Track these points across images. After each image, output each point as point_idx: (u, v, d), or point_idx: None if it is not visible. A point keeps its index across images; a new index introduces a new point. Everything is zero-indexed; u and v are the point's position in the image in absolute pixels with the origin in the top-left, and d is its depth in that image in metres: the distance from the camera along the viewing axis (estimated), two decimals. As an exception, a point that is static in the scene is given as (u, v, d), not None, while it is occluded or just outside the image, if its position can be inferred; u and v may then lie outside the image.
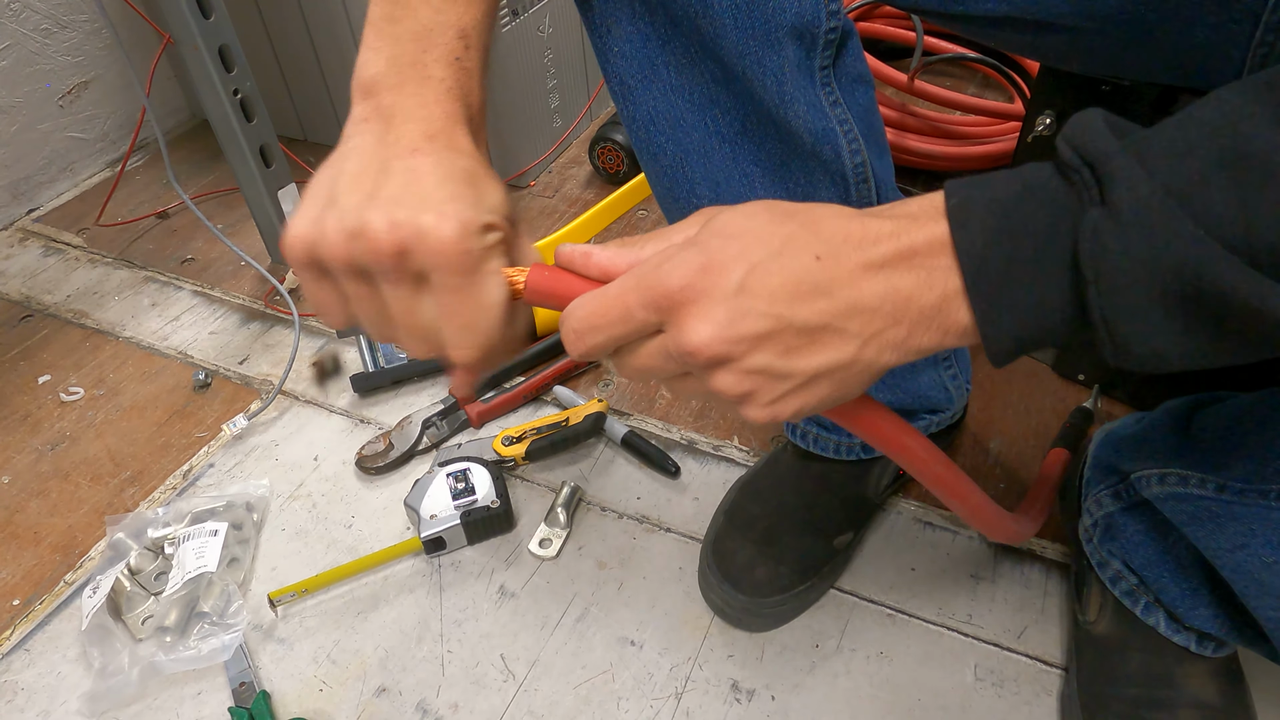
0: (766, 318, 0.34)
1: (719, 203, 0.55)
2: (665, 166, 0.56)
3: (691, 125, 0.54)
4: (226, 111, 1.01)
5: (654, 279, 0.35)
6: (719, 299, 0.34)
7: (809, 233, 0.35)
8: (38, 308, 1.15)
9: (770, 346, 0.35)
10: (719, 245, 0.35)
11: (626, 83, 0.54)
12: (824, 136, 0.53)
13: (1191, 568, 0.59)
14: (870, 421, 0.43)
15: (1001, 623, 0.73)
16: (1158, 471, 0.57)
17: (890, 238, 0.35)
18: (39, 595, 0.81)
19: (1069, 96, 0.80)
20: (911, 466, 0.46)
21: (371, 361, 0.97)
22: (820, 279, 0.34)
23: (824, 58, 0.52)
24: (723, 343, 0.34)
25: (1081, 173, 0.32)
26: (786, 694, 0.70)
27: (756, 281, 0.34)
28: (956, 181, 0.35)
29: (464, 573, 0.80)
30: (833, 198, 0.55)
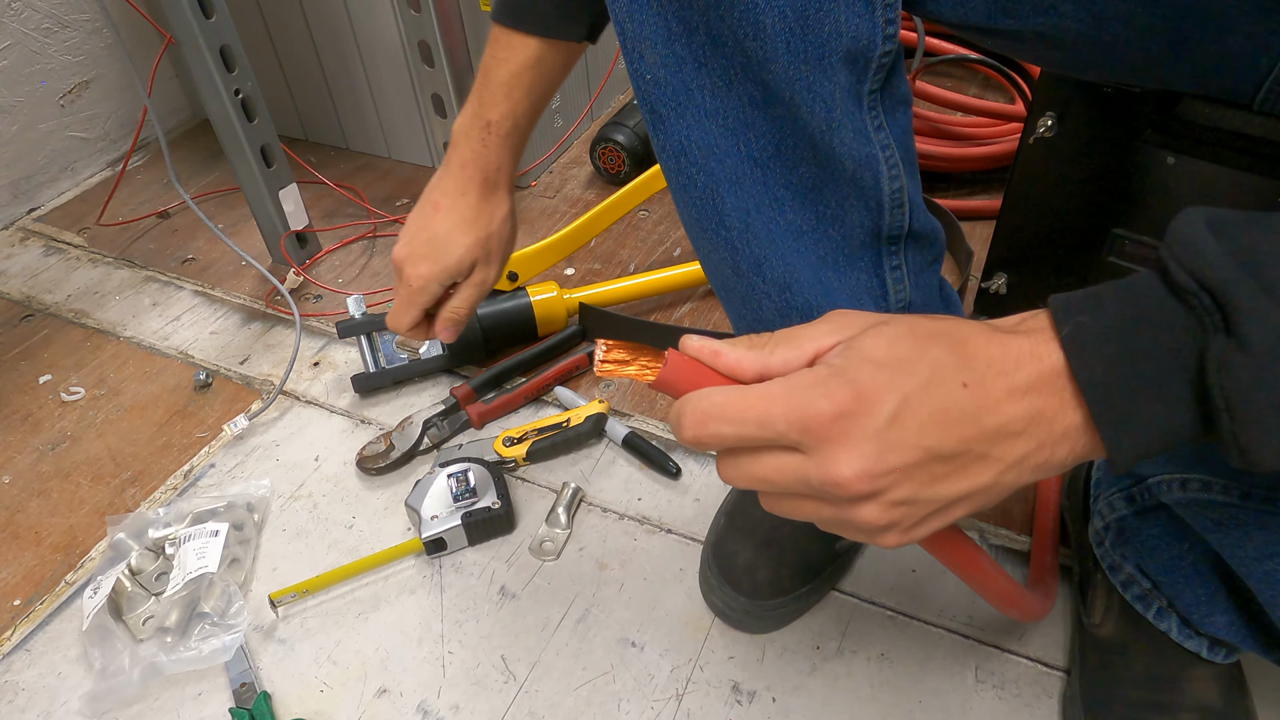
0: (915, 450, 0.34)
1: (748, 234, 0.55)
2: (695, 197, 0.55)
3: (724, 152, 0.52)
4: (228, 111, 1.01)
5: (804, 398, 0.35)
6: (871, 432, 0.34)
7: (955, 357, 0.35)
8: (38, 307, 1.15)
9: (916, 477, 0.35)
10: (870, 374, 0.35)
11: (658, 111, 0.52)
12: (866, 163, 0.52)
13: (1208, 573, 0.59)
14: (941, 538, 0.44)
15: (1003, 625, 0.73)
16: (1179, 477, 0.56)
17: (1031, 360, 0.35)
18: (40, 595, 0.81)
19: (1071, 98, 0.80)
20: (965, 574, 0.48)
21: (372, 362, 0.97)
22: (968, 407, 0.34)
23: (874, 82, 0.50)
24: (871, 478, 0.34)
25: (1200, 298, 0.32)
26: (787, 696, 0.69)
27: (907, 414, 0.34)
28: (1061, 301, 0.35)
29: (465, 574, 0.80)
30: (864, 221, 0.54)
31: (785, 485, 0.36)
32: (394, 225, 1.23)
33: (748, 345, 0.39)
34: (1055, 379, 0.34)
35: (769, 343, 0.38)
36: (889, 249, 0.56)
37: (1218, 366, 0.31)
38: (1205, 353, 0.32)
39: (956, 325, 0.37)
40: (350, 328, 0.96)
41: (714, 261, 0.58)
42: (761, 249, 0.54)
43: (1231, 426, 0.32)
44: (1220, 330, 0.31)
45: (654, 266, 1.12)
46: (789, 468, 0.36)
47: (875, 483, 0.34)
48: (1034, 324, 0.36)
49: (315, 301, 1.12)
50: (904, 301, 0.58)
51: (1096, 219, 0.82)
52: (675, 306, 1.06)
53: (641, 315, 1.05)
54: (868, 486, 0.34)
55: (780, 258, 0.54)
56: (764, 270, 0.55)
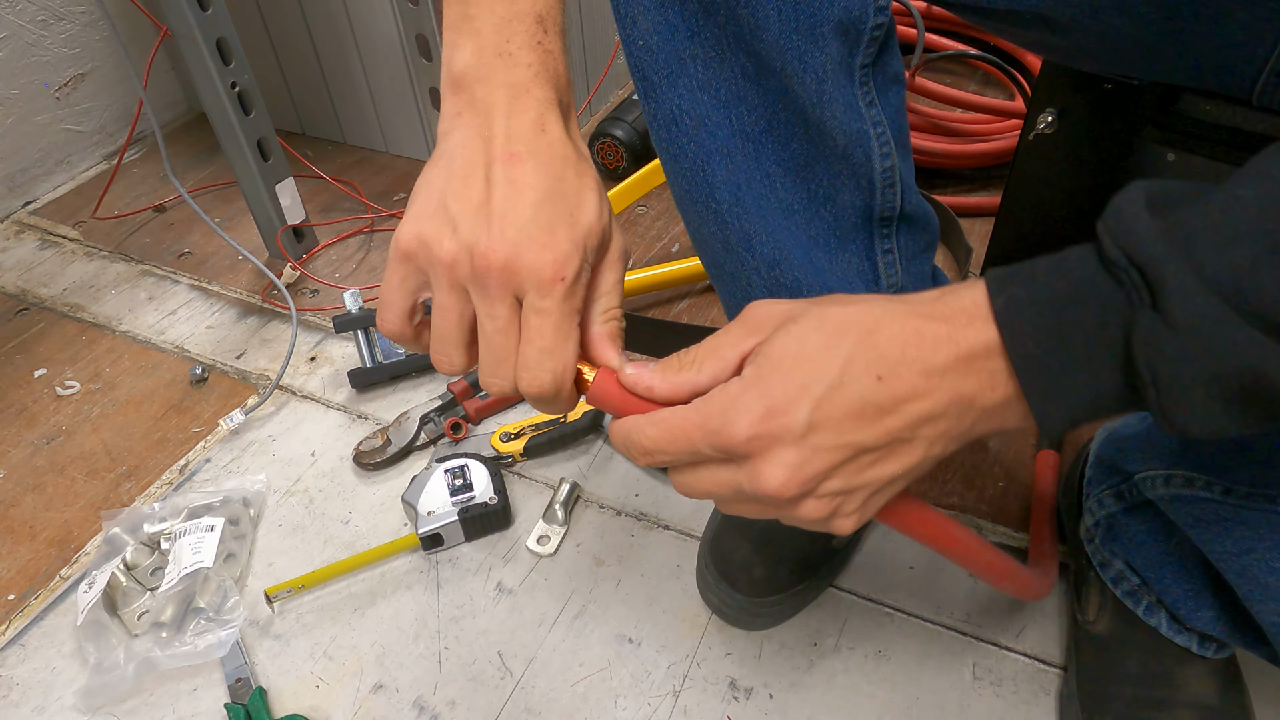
0: (837, 449, 0.36)
1: (738, 207, 0.54)
2: (684, 168, 0.55)
3: (715, 124, 0.52)
4: (224, 104, 1.00)
5: (718, 424, 0.36)
6: (789, 442, 0.35)
7: (866, 350, 0.36)
8: (34, 301, 1.14)
9: (844, 471, 0.36)
10: (779, 383, 0.36)
11: (650, 79, 0.52)
12: (857, 139, 0.52)
13: (1195, 569, 0.59)
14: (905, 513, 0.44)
15: (1000, 622, 0.73)
16: (1163, 473, 0.56)
17: (948, 342, 0.35)
18: (34, 590, 0.80)
19: (1071, 94, 0.79)
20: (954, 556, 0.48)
21: (369, 357, 0.97)
22: (884, 399, 0.35)
23: (866, 55, 0.50)
24: (798, 484, 0.36)
25: (1130, 274, 0.32)
26: (784, 692, 0.69)
27: (822, 416, 0.35)
28: (998, 274, 0.35)
29: (461, 569, 0.79)
30: (856, 200, 0.54)
31: (725, 493, 0.38)
32: (391, 220, 1.23)
33: (677, 367, 0.40)
34: (975, 360, 0.35)
35: (695, 360, 0.40)
36: (881, 231, 0.56)
37: (1144, 341, 0.32)
38: (1132, 328, 0.32)
39: (868, 311, 0.37)
40: (347, 322, 0.96)
41: (704, 235, 0.58)
42: (751, 224, 0.54)
43: (1158, 399, 0.32)
44: (1147, 306, 0.31)
45: (652, 262, 1.12)
46: (725, 479, 0.38)
47: (804, 486, 0.36)
48: (955, 301, 0.36)
49: (312, 296, 1.11)
50: (895, 286, 0.59)
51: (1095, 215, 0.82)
52: (674, 302, 1.06)
53: (640, 311, 1.04)
54: (796, 490, 0.36)
55: (770, 234, 0.55)
56: (754, 246, 0.55)
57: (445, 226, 0.39)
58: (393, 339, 0.43)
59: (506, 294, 0.38)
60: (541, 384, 0.39)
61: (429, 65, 0.98)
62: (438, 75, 1.06)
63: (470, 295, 0.39)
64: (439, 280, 0.39)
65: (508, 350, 0.39)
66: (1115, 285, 0.32)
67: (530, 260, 0.38)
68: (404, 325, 0.42)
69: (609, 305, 0.43)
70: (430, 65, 0.98)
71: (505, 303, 0.38)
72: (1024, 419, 0.36)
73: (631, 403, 0.41)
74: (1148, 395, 0.32)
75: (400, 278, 0.41)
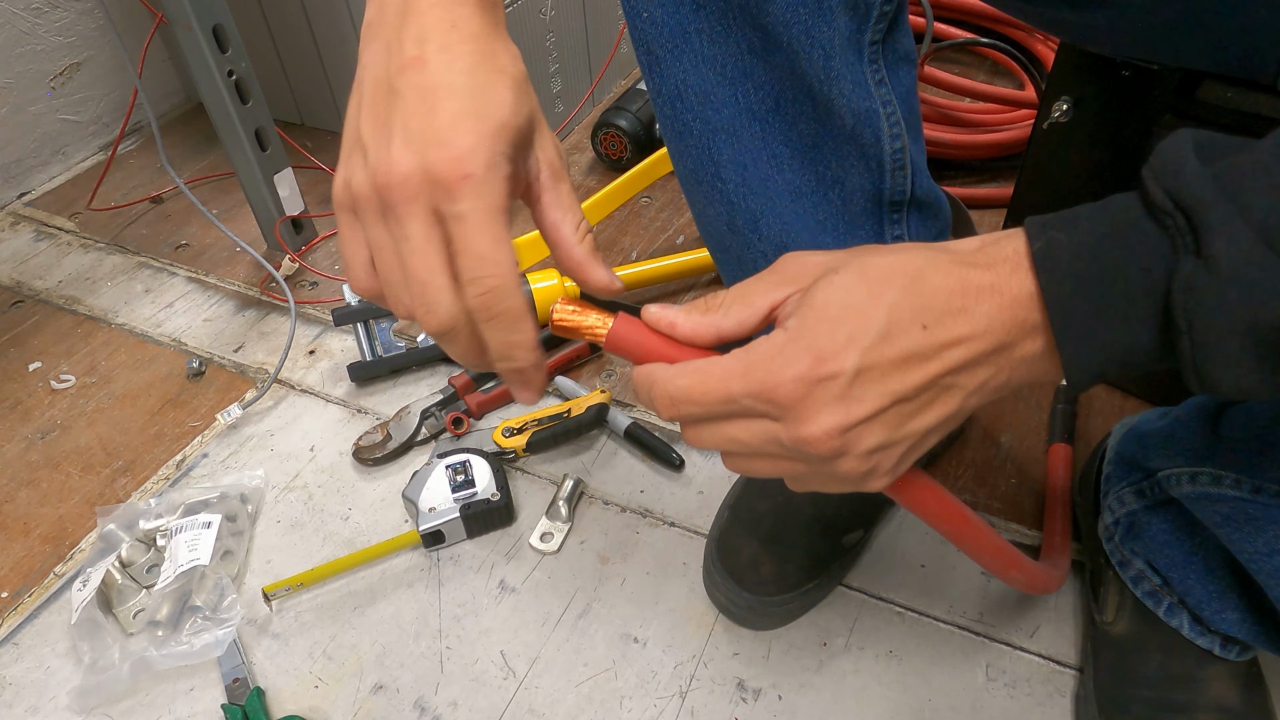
0: (881, 398, 0.35)
1: (744, 188, 0.53)
2: (690, 146, 0.53)
3: (721, 101, 0.51)
4: (221, 93, 0.98)
5: (764, 372, 0.35)
6: (836, 393, 0.34)
7: (911, 298, 0.35)
8: (29, 293, 1.12)
9: (886, 422, 0.35)
10: (826, 333, 0.35)
11: (655, 52, 0.50)
12: (866, 118, 0.50)
13: (1220, 570, 0.58)
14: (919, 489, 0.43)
15: (1014, 621, 0.71)
16: (1188, 470, 0.55)
17: (991, 291, 0.34)
18: (28, 587, 0.79)
19: (1087, 81, 0.77)
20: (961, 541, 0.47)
21: (369, 350, 0.95)
22: (928, 347, 0.34)
23: (875, 32, 0.49)
24: (841, 433, 0.35)
25: (1175, 218, 0.31)
26: (794, 693, 0.68)
27: (869, 366, 0.34)
28: (1038, 220, 0.34)
29: (463, 567, 0.78)
30: (865, 183, 0.53)
31: (756, 446, 0.37)
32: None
33: (703, 309, 0.39)
34: (1017, 309, 0.34)
35: (722, 304, 0.39)
36: (891, 216, 0.55)
37: (1183, 288, 0.31)
38: (1173, 274, 0.31)
39: (910, 260, 0.36)
40: (346, 315, 0.94)
41: (709, 216, 0.56)
42: (758, 205, 0.53)
43: (1191, 350, 0.31)
44: (1190, 251, 0.31)
45: (657, 254, 1.10)
46: (759, 430, 0.37)
47: (845, 437, 0.35)
48: (998, 251, 0.35)
49: (311, 288, 1.09)
50: None
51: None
52: (679, 295, 1.04)
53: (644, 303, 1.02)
54: (838, 441, 0.35)
55: (777, 216, 0.53)
56: (760, 228, 0.54)
57: (358, 159, 0.36)
58: (370, 299, 0.39)
59: (415, 210, 0.35)
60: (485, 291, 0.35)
61: (430, 53, 0.96)
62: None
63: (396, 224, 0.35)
64: (365, 219, 0.36)
65: (428, 271, 0.35)
66: (1159, 230, 0.31)
67: (429, 166, 0.34)
68: (371, 279, 0.38)
69: (575, 220, 0.39)
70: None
71: (417, 219, 0.35)
72: (1057, 370, 0.35)
73: (652, 345, 0.40)
74: (1181, 346, 0.31)
75: (347, 228, 0.38)
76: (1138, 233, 0.32)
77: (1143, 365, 0.34)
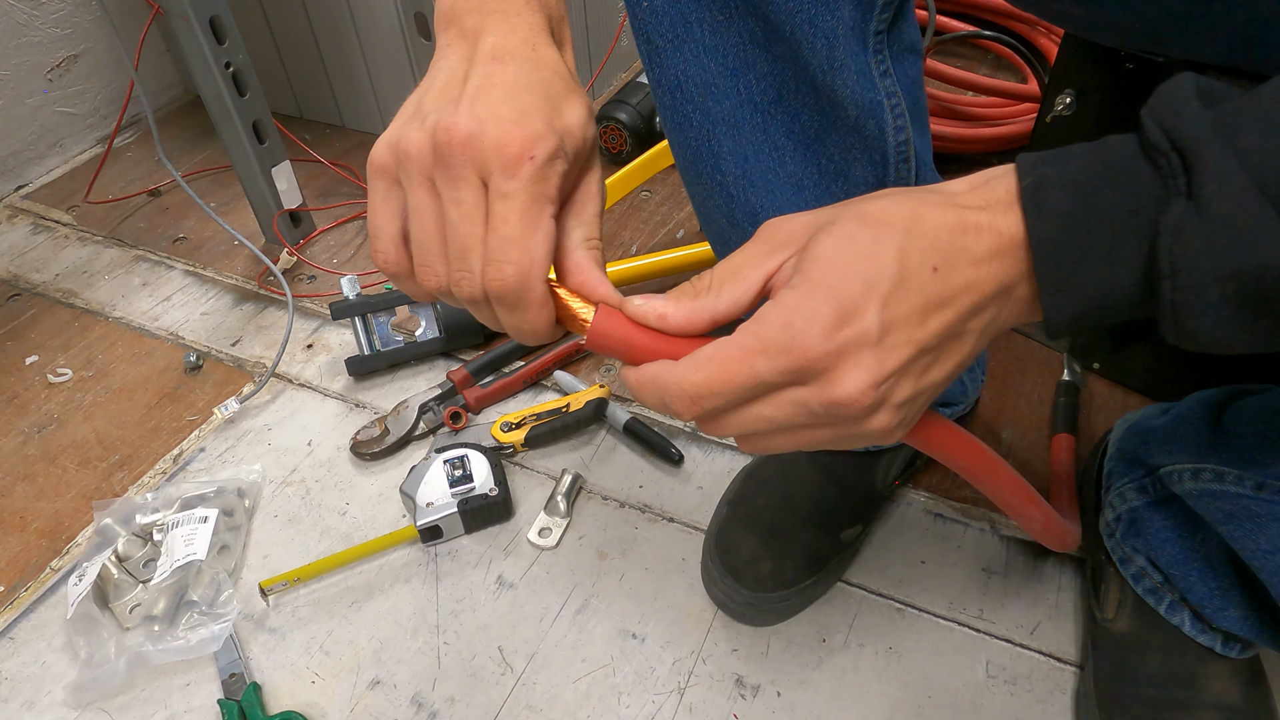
0: (907, 346, 0.34)
1: (744, 180, 0.52)
2: (690, 138, 0.52)
3: (723, 92, 0.50)
4: (218, 85, 0.98)
5: (785, 339, 0.33)
6: (866, 345, 0.33)
7: (917, 240, 0.34)
8: (25, 287, 1.12)
9: (912, 372, 0.34)
10: (842, 283, 0.33)
11: (655, 42, 0.50)
12: (870, 109, 0.49)
13: (1221, 567, 0.57)
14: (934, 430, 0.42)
15: (1014, 618, 0.71)
16: (1190, 466, 0.54)
17: (989, 230, 0.34)
18: (24, 582, 0.79)
19: (1091, 74, 0.77)
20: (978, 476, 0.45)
21: (367, 344, 0.94)
22: (942, 291, 0.34)
23: (880, 21, 0.48)
24: (874, 388, 0.33)
25: (1169, 158, 0.30)
26: (793, 690, 0.68)
27: (892, 314, 0.33)
28: (1030, 157, 0.34)
29: (461, 562, 0.77)
30: (869, 176, 0.52)
31: (785, 421, 0.35)
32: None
33: (691, 295, 0.37)
34: (1015, 248, 0.33)
35: (711, 285, 0.37)
36: None
37: (1171, 229, 0.30)
38: (1161, 214, 0.30)
39: (903, 202, 0.35)
40: (344, 309, 0.94)
41: (708, 209, 0.55)
42: (758, 198, 0.52)
43: (1172, 294, 0.31)
44: (1182, 193, 0.30)
45: (657, 248, 1.10)
46: (786, 403, 0.35)
47: (879, 391, 0.34)
48: (988, 191, 0.34)
49: (309, 282, 1.09)
50: None
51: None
52: (678, 289, 1.04)
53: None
54: (873, 397, 0.33)
55: (778, 209, 0.52)
56: (760, 221, 0.53)
57: (415, 123, 0.36)
58: (391, 274, 0.38)
59: (470, 174, 0.35)
60: (504, 278, 0.35)
61: (428, 46, 0.96)
62: (437, 55, 1.03)
63: (439, 185, 0.35)
64: (410, 180, 0.36)
65: (474, 239, 0.35)
66: (1152, 170, 0.31)
67: (496, 135, 0.34)
68: (399, 253, 0.38)
69: (590, 234, 0.39)
70: (429, 46, 0.96)
71: (470, 185, 0.35)
72: (1035, 311, 0.34)
73: (640, 341, 0.37)
74: (1162, 290, 0.31)
75: (381, 196, 0.37)
76: (1130, 173, 0.31)
77: (1121, 311, 0.33)
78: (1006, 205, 0.33)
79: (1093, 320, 0.33)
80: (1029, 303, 0.34)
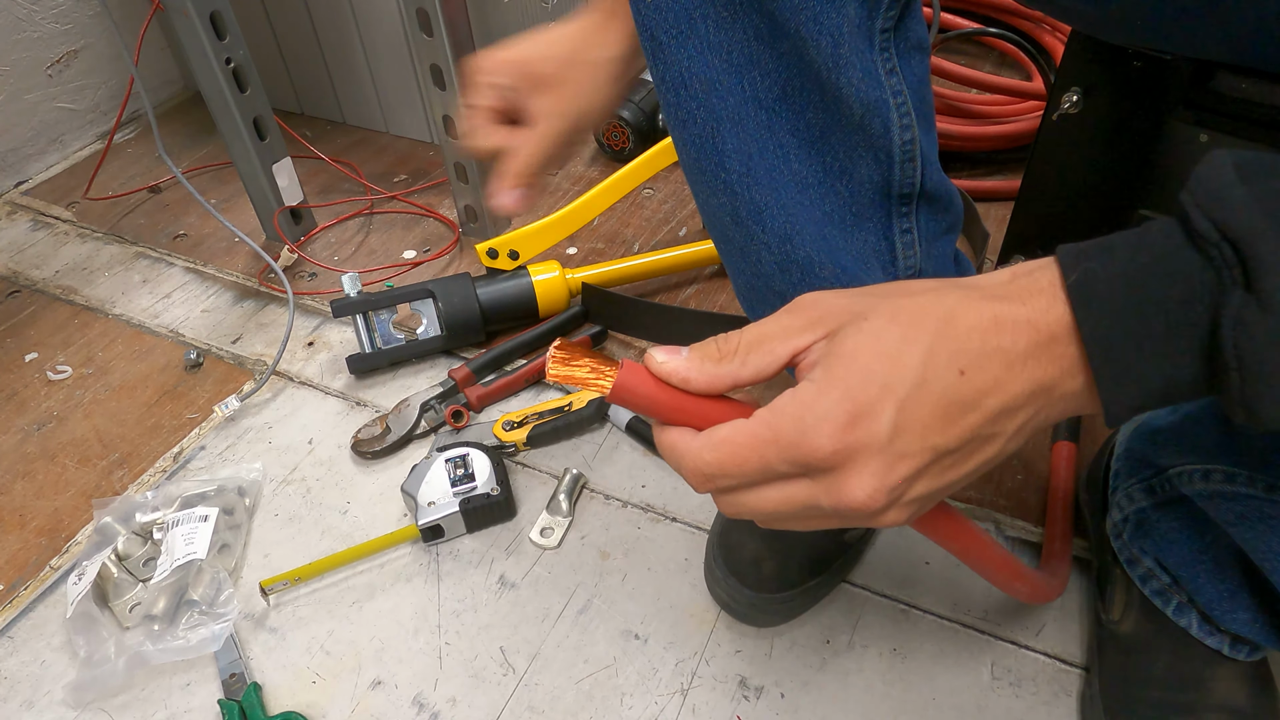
0: (922, 453, 0.33)
1: (749, 178, 0.51)
2: (694, 135, 0.52)
3: (727, 89, 0.49)
4: (219, 81, 0.97)
5: (795, 436, 0.34)
6: (876, 449, 0.33)
7: (946, 342, 0.33)
8: (25, 283, 1.11)
9: (928, 474, 0.34)
10: (859, 385, 0.33)
11: (658, 38, 0.49)
12: (875, 108, 0.49)
13: (1230, 568, 0.57)
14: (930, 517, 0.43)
15: (1019, 619, 0.71)
16: (1200, 467, 0.54)
17: (1028, 327, 0.33)
18: (23, 580, 0.78)
19: (1098, 72, 0.76)
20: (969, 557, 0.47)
21: (368, 342, 0.94)
22: (967, 394, 0.33)
23: (887, 19, 0.48)
24: (885, 493, 0.34)
25: (1221, 249, 0.29)
26: (796, 692, 0.67)
27: (908, 420, 0.33)
28: (1071, 249, 0.33)
29: (463, 562, 0.77)
30: (873, 174, 0.51)
31: (794, 509, 0.36)
32: (391, 201, 1.20)
33: (716, 357, 0.37)
34: (1055, 345, 0.33)
35: (737, 351, 0.37)
36: (900, 210, 0.54)
37: (1234, 323, 0.29)
38: (1220, 308, 0.30)
39: (940, 300, 0.34)
40: (345, 306, 0.93)
41: (712, 207, 0.55)
42: (763, 196, 0.52)
43: (1241, 386, 0.30)
44: (1239, 285, 0.29)
45: (659, 246, 1.09)
46: (797, 497, 0.35)
47: (890, 495, 0.34)
48: (1031, 283, 0.34)
49: (310, 279, 1.08)
50: (913, 269, 0.56)
51: (1122, 199, 0.79)
52: (681, 288, 1.03)
53: (646, 296, 1.01)
54: (883, 500, 0.34)
55: (782, 207, 0.52)
56: (764, 219, 0.53)
57: None
58: None
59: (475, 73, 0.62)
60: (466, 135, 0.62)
61: (430, 41, 0.95)
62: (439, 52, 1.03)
63: None
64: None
65: None
66: (1204, 261, 0.30)
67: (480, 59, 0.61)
68: None
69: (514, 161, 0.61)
70: (431, 41, 0.95)
71: None
72: (1095, 405, 0.33)
73: (663, 400, 0.37)
74: (1230, 382, 0.30)
75: None
76: (1179, 263, 0.31)
77: (1184, 398, 0.32)
78: (1049, 299, 0.33)
79: (1153, 408, 0.33)
80: (1079, 397, 0.34)
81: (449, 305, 0.93)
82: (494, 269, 0.98)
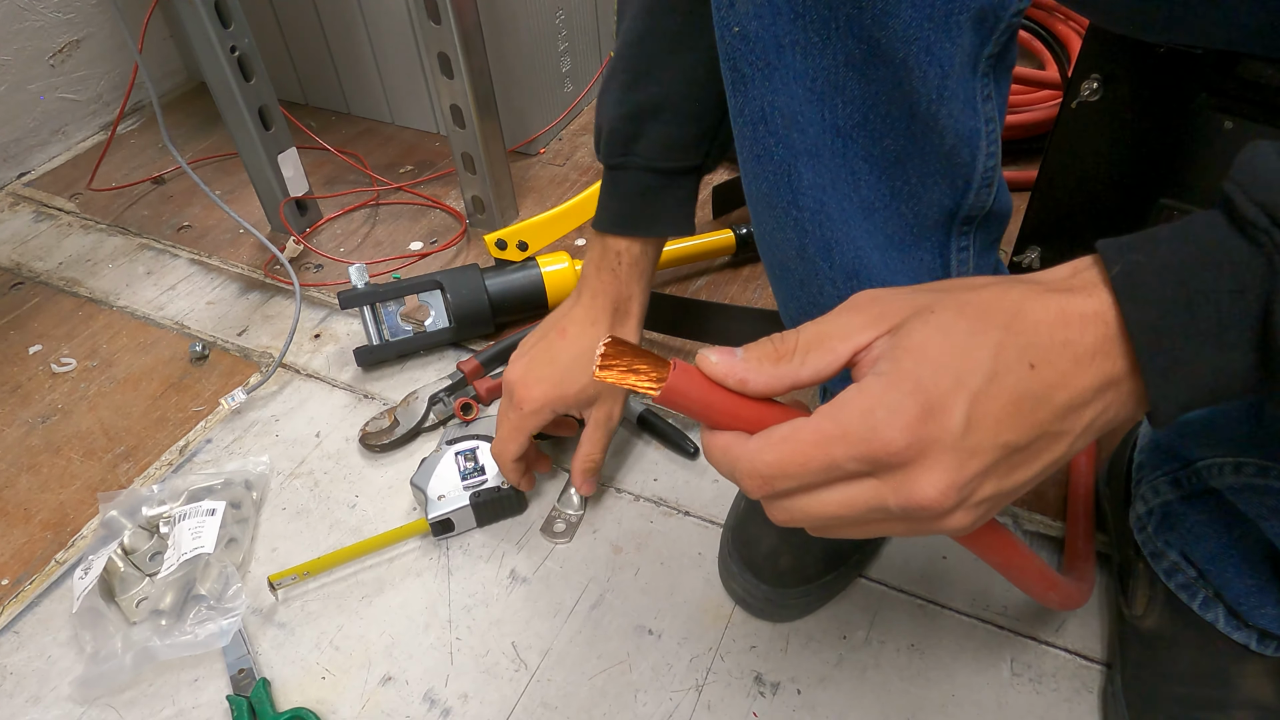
0: (993, 449, 0.32)
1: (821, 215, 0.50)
2: (768, 170, 0.50)
3: (807, 120, 0.47)
4: (223, 70, 0.96)
5: (868, 428, 0.32)
6: (948, 445, 0.32)
7: (1016, 336, 0.32)
8: (28, 275, 1.10)
9: (997, 473, 0.33)
10: (930, 378, 0.32)
11: (742, 70, 0.47)
12: (967, 138, 0.47)
13: (1260, 563, 0.56)
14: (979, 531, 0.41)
15: (1039, 615, 0.70)
16: (1231, 460, 0.53)
17: (1096, 320, 0.32)
18: (29, 575, 0.77)
19: (1119, 59, 0.75)
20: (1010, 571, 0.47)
21: (376, 334, 0.93)
22: (1038, 389, 0.32)
23: (996, 45, 0.45)
24: (956, 490, 0.32)
25: (1271, 234, 0.28)
26: (813, 687, 0.66)
27: (980, 414, 0.32)
28: (1112, 243, 0.32)
29: (473, 556, 0.76)
30: (944, 199, 0.49)
31: (857, 512, 0.34)
32: (397, 192, 1.19)
33: (774, 358, 0.35)
34: (1121, 339, 0.32)
35: (795, 351, 0.35)
36: (961, 229, 0.52)
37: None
38: (1273, 295, 0.29)
39: (1006, 293, 0.33)
40: (352, 298, 0.92)
41: (777, 240, 0.53)
42: (833, 232, 0.50)
43: None
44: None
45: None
46: (860, 498, 0.33)
47: (960, 493, 0.32)
48: (1093, 277, 0.33)
49: (316, 271, 1.07)
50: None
51: (1142, 188, 0.78)
52: (691, 280, 1.02)
53: (656, 288, 1.00)
54: (954, 499, 0.32)
55: (850, 240, 0.50)
56: (833, 256, 0.51)
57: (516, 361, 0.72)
58: None
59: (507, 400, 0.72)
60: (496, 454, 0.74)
61: (437, 29, 0.94)
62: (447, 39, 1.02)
63: None
64: None
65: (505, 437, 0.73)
66: (1254, 248, 0.29)
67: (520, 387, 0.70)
68: None
69: (589, 453, 0.73)
70: (439, 29, 0.94)
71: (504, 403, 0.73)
72: (1142, 404, 0.32)
73: (717, 403, 0.35)
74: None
75: None
76: (1226, 252, 0.30)
77: (1235, 394, 0.31)
78: (1105, 291, 0.32)
79: (1202, 406, 0.32)
80: (1138, 396, 0.33)
81: (457, 297, 0.92)
82: (503, 260, 0.97)
